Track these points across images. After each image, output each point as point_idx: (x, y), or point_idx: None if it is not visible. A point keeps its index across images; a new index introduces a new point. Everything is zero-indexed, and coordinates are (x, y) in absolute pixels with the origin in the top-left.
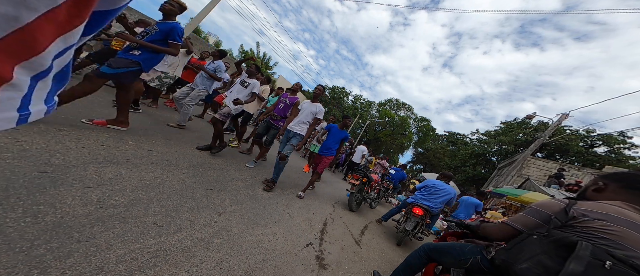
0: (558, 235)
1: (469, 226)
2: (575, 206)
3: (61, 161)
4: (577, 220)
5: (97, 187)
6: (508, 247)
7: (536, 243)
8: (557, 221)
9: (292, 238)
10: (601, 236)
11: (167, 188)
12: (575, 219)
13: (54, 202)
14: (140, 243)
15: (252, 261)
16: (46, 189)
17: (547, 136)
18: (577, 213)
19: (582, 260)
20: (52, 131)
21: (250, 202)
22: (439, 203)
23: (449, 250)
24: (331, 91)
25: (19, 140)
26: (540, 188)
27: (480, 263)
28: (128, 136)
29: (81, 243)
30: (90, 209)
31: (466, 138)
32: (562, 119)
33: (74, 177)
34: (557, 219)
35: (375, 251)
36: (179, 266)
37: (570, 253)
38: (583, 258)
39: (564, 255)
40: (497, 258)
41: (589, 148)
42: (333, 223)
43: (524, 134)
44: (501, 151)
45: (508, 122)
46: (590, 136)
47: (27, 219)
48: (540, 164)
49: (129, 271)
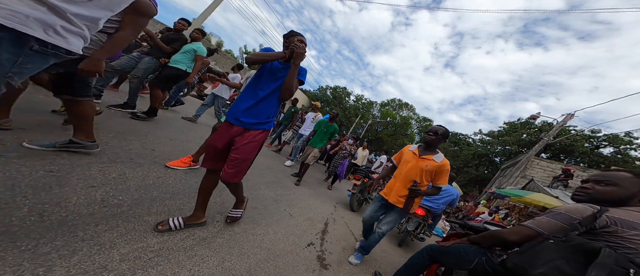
0: (578, 240)
1: (474, 227)
2: (608, 213)
3: (67, 161)
4: (607, 228)
5: (101, 186)
6: (521, 251)
7: (552, 248)
8: (581, 227)
9: (294, 238)
10: (627, 246)
11: (170, 187)
12: (607, 227)
13: (59, 201)
14: (144, 242)
15: (254, 260)
16: (52, 188)
17: (551, 137)
18: (610, 221)
19: (605, 267)
20: (58, 131)
21: (251, 202)
22: (441, 204)
23: (453, 251)
24: (333, 91)
25: (26, 140)
26: (544, 188)
27: (485, 265)
28: (132, 136)
29: (85, 242)
30: (94, 209)
31: (469, 139)
32: (567, 119)
33: (78, 176)
34: (582, 224)
35: (376, 252)
36: (181, 266)
37: (590, 260)
38: (606, 266)
39: (584, 262)
40: (509, 262)
41: (595, 148)
42: (334, 223)
43: (528, 134)
44: (505, 152)
45: (511, 122)
46: (595, 136)
47: (33, 218)
48: (545, 164)
49: (132, 270)
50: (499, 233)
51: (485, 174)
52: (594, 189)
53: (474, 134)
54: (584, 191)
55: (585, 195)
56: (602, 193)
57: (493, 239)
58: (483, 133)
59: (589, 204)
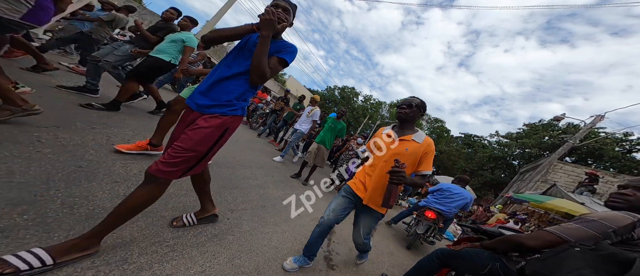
0: (611, 249)
1: (487, 232)
2: None
3: (94, 157)
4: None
5: (123, 182)
6: (543, 258)
7: (579, 256)
8: (616, 236)
9: (301, 238)
10: None
11: (185, 184)
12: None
13: (88, 195)
14: (160, 237)
15: (262, 259)
16: (81, 182)
17: (577, 140)
18: None
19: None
20: (87, 129)
21: (260, 200)
22: (453, 208)
23: (465, 256)
24: (341, 91)
25: (59, 137)
26: (568, 194)
27: (500, 270)
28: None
29: (108, 235)
30: (117, 203)
31: (484, 140)
32: (596, 121)
33: (104, 172)
34: (617, 233)
35: (384, 254)
36: (194, 261)
37: (622, 271)
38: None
39: (614, 272)
40: (529, 269)
41: (627, 152)
42: (341, 224)
43: (550, 137)
44: (523, 155)
45: (532, 124)
46: (628, 139)
47: (65, 211)
48: (569, 169)
49: (149, 264)
50: (517, 238)
51: (502, 177)
52: (635, 196)
53: (490, 136)
54: (622, 197)
55: (624, 202)
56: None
57: (509, 244)
58: (500, 135)
59: (628, 213)
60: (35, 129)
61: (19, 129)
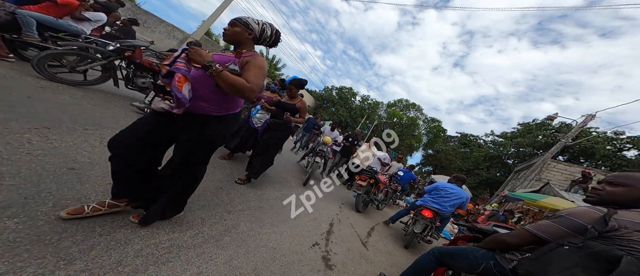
0: (597, 247)
1: (482, 230)
2: (616, 215)
3: (87, 159)
4: (618, 232)
5: None
6: (533, 257)
7: (568, 255)
8: (594, 232)
9: (299, 238)
10: (638, 249)
11: None
12: (616, 231)
13: (80, 197)
14: (156, 239)
15: (260, 259)
16: (73, 185)
17: (570, 139)
18: (620, 224)
19: (628, 274)
20: (79, 130)
21: (257, 201)
22: (449, 206)
23: (461, 254)
24: (338, 91)
25: (50, 138)
26: (560, 192)
27: (493, 269)
28: None
29: (103, 237)
30: None
31: (480, 140)
32: (587, 120)
33: (97, 174)
34: (595, 229)
35: (382, 253)
36: (191, 263)
37: (610, 268)
38: (628, 274)
39: (603, 270)
40: (521, 268)
41: (618, 151)
42: (339, 224)
43: (544, 136)
44: (518, 154)
45: (526, 123)
46: (619, 138)
47: (57, 213)
48: (562, 167)
49: (145, 266)
50: (500, 236)
51: (497, 176)
52: (604, 190)
53: (485, 136)
54: (594, 191)
55: (596, 196)
56: (611, 193)
57: (495, 242)
58: (495, 134)
59: (594, 207)
60: (25, 131)
61: (8, 131)
